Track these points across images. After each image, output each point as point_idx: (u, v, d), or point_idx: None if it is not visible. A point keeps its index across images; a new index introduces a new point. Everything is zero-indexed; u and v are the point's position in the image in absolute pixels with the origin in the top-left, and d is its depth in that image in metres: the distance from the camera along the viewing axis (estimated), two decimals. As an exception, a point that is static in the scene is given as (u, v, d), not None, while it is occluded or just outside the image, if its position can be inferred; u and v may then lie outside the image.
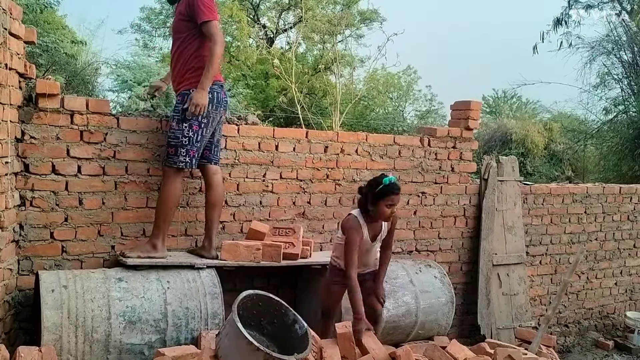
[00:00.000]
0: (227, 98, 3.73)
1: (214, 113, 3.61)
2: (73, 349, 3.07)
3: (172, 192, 3.59)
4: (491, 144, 14.03)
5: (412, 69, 20.81)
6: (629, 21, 11.80)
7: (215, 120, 3.67)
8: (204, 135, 3.61)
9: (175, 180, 3.60)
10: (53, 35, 9.53)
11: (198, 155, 3.62)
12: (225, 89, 3.77)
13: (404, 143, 4.85)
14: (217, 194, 3.76)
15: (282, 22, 20.12)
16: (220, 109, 3.65)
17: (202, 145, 3.63)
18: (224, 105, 3.69)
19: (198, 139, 3.57)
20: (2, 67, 2.95)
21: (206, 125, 3.60)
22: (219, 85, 3.65)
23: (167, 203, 3.58)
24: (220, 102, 3.63)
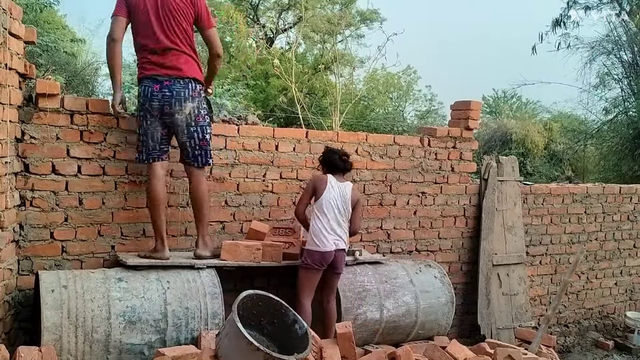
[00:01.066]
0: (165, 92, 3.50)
1: (145, 107, 3.53)
2: (73, 349, 3.07)
3: (148, 191, 3.63)
4: (491, 144, 14.03)
5: (412, 69, 20.82)
6: (629, 21, 11.79)
7: (152, 115, 3.52)
8: (146, 127, 3.55)
9: (150, 178, 3.61)
10: (53, 34, 9.53)
11: (148, 149, 3.56)
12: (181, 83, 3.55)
13: (404, 143, 4.85)
14: (192, 194, 3.70)
15: (281, 22, 20.13)
16: (151, 103, 3.50)
17: (148, 138, 3.55)
18: (161, 100, 3.50)
19: (142, 132, 3.57)
20: (2, 67, 2.95)
21: (144, 117, 3.55)
22: (152, 79, 3.52)
23: (148, 203, 3.64)
24: (149, 97, 3.50)
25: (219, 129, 4.04)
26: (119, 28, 3.52)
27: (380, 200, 4.75)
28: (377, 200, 4.73)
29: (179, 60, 3.56)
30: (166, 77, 3.52)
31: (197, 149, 3.64)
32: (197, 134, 3.62)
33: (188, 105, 3.56)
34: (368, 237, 4.70)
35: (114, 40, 3.51)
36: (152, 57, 3.53)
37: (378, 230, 4.75)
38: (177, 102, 3.53)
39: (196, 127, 3.62)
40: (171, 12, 3.55)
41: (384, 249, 4.77)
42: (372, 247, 4.72)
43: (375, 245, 4.75)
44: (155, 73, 3.52)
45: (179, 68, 3.55)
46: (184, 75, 3.56)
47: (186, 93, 3.56)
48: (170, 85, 3.52)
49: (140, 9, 3.52)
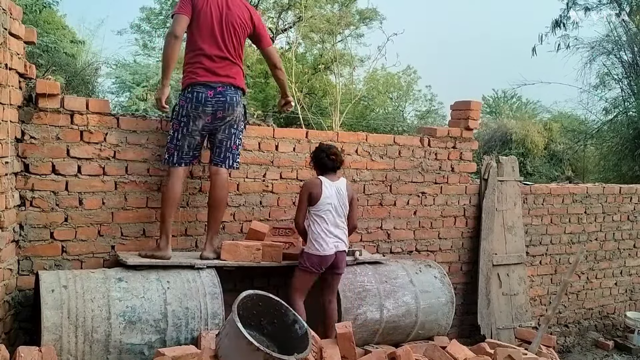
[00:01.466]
0: (219, 99, 3.63)
1: (194, 112, 3.59)
2: (73, 349, 3.07)
3: (166, 190, 3.64)
4: (491, 144, 14.05)
5: (412, 69, 20.84)
6: (629, 21, 11.79)
7: (199, 120, 3.62)
8: (185, 134, 3.61)
9: (169, 178, 3.65)
10: (53, 35, 9.54)
11: (181, 154, 3.63)
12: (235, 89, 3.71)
13: (404, 143, 4.85)
14: (214, 195, 3.76)
15: (281, 22, 20.13)
16: (204, 109, 3.60)
17: (184, 144, 3.62)
18: (214, 106, 3.62)
19: (178, 137, 3.62)
20: (2, 67, 2.95)
21: (186, 124, 3.60)
22: (205, 85, 3.60)
23: (163, 201, 3.66)
24: (202, 103, 3.59)
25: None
26: (182, 26, 3.60)
27: (380, 200, 4.75)
28: (377, 200, 4.73)
29: (231, 70, 3.71)
30: (219, 84, 3.64)
31: (229, 151, 3.77)
32: (234, 137, 3.77)
33: (237, 110, 3.73)
34: (368, 237, 4.70)
35: (176, 37, 3.58)
36: (207, 63, 3.62)
37: (378, 230, 4.75)
38: (230, 107, 3.67)
39: (236, 130, 3.78)
40: (233, 25, 3.69)
41: (384, 249, 4.78)
42: (372, 247, 4.72)
43: (375, 245, 4.75)
44: (209, 80, 3.62)
45: (232, 77, 3.70)
46: (236, 84, 3.72)
47: (237, 99, 3.71)
48: (224, 91, 3.65)
49: (207, 14, 3.62)
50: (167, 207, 3.62)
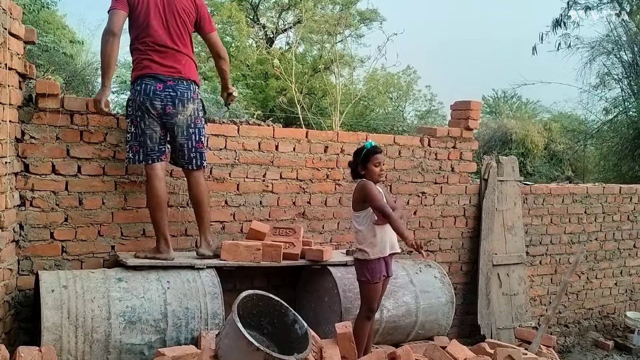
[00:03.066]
0: (169, 92, 3.44)
1: (144, 106, 3.43)
2: (73, 349, 3.07)
3: (147, 191, 3.57)
4: (491, 144, 14.04)
5: (411, 69, 20.83)
6: (629, 21, 11.79)
7: (150, 113, 3.44)
8: (144, 128, 3.46)
9: (147, 178, 3.55)
10: (52, 35, 9.54)
11: (146, 150, 3.48)
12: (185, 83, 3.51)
13: (404, 143, 4.85)
14: (192, 195, 3.67)
15: (281, 22, 20.14)
16: (153, 102, 3.42)
17: (147, 138, 3.47)
18: (163, 100, 3.44)
19: (139, 132, 3.47)
20: (2, 67, 2.95)
21: (142, 117, 3.45)
22: (154, 77, 3.43)
23: (149, 205, 3.58)
24: (150, 95, 3.41)
25: (219, 129, 4.04)
26: (118, 22, 3.40)
27: (380, 200, 4.74)
28: (377, 200, 4.73)
29: (181, 62, 3.51)
30: (170, 77, 3.46)
31: (192, 151, 3.60)
32: (194, 136, 3.59)
33: (190, 107, 3.53)
34: (368, 237, 4.70)
35: (113, 34, 3.37)
36: (154, 56, 3.46)
37: (378, 230, 4.75)
38: (180, 103, 3.49)
39: (195, 128, 3.59)
40: (177, 11, 3.50)
41: (384, 249, 4.77)
42: (372, 247, 4.71)
43: (375, 245, 4.74)
44: (159, 72, 3.45)
45: (182, 69, 3.51)
46: (186, 76, 3.52)
47: (189, 94, 3.52)
48: (174, 85, 3.47)
49: (143, 3, 3.44)
50: (156, 208, 3.52)
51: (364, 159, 3.63)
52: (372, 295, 3.64)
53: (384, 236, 3.64)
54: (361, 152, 3.66)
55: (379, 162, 3.64)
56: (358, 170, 3.68)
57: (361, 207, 3.66)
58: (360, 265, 3.68)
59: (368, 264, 3.62)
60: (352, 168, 3.74)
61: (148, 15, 3.45)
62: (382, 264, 3.65)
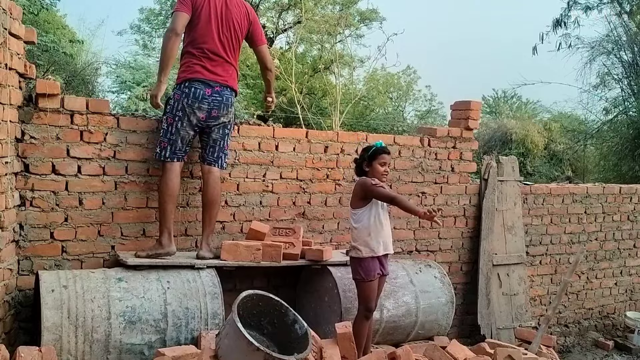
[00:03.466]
0: (216, 98, 3.65)
1: (189, 108, 3.58)
2: (73, 349, 3.07)
3: (163, 185, 3.62)
4: (491, 144, 14.05)
5: (411, 69, 20.84)
6: (629, 21, 11.79)
7: (193, 116, 3.61)
8: (179, 128, 3.59)
9: (165, 174, 3.62)
10: (52, 35, 9.54)
11: (174, 149, 3.61)
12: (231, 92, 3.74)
13: (404, 143, 4.85)
14: (208, 195, 3.75)
15: (281, 22, 20.13)
16: (201, 106, 3.60)
17: (178, 138, 3.60)
18: (210, 104, 3.63)
19: (172, 131, 3.60)
20: (2, 67, 2.95)
21: (181, 118, 3.59)
22: (203, 82, 3.61)
23: (160, 197, 3.64)
24: (199, 99, 3.59)
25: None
26: (182, 23, 3.59)
27: (380, 200, 4.74)
28: (377, 200, 4.73)
29: (228, 71, 3.73)
30: (217, 84, 3.66)
31: (222, 151, 3.79)
32: (226, 137, 3.81)
33: (230, 111, 3.76)
34: (368, 237, 4.70)
35: (177, 34, 3.57)
36: (206, 61, 3.63)
37: (378, 230, 4.75)
38: (224, 108, 3.70)
39: (229, 131, 3.82)
40: (233, 25, 3.71)
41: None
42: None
43: (375, 245, 4.74)
44: (207, 78, 3.62)
45: (227, 78, 3.72)
46: (230, 85, 3.74)
47: (231, 100, 3.74)
48: (221, 92, 3.67)
49: (207, 12, 3.62)
50: (167, 202, 3.59)
51: (371, 155, 3.70)
52: (367, 294, 3.66)
53: (379, 236, 3.67)
54: (369, 149, 3.74)
55: (384, 162, 3.72)
56: (363, 167, 3.74)
57: (359, 205, 3.68)
58: (354, 264, 3.71)
59: (361, 262, 3.66)
60: (358, 164, 3.81)
61: (207, 24, 3.64)
62: (376, 262, 3.67)
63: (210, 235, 3.79)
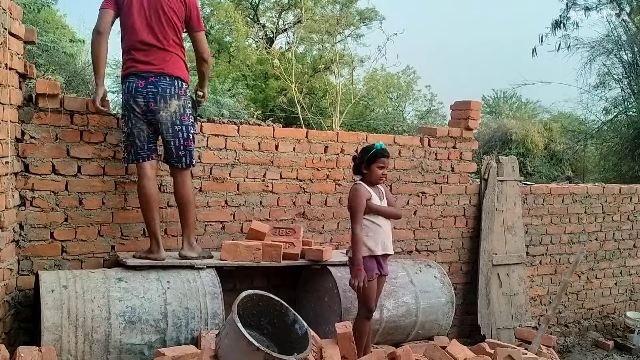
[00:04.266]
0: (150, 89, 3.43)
1: (128, 104, 3.45)
2: (73, 349, 3.07)
3: (139, 191, 3.54)
4: (491, 144, 14.03)
5: (411, 69, 20.83)
6: (629, 21, 11.79)
7: (136, 111, 3.44)
8: (131, 127, 3.47)
9: (138, 179, 3.54)
10: (52, 34, 9.53)
11: (136, 149, 3.49)
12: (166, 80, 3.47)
13: (404, 143, 4.85)
14: (178, 195, 3.63)
15: (281, 22, 20.13)
16: (136, 100, 3.43)
17: (135, 138, 3.47)
18: (145, 96, 3.43)
19: (128, 132, 3.49)
20: (2, 67, 2.95)
21: (128, 117, 3.47)
22: (137, 75, 3.44)
23: (140, 204, 3.56)
24: (133, 93, 3.42)
25: (219, 129, 4.04)
26: (105, 21, 3.43)
27: (380, 200, 4.74)
28: (377, 200, 4.73)
29: (164, 58, 3.49)
30: (151, 74, 3.44)
31: (181, 149, 3.56)
32: (181, 133, 3.55)
33: (174, 103, 3.49)
34: (368, 237, 4.70)
35: (99, 33, 3.41)
36: (137, 54, 3.46)
37: (378, 230, 4.75)
38: (162, 99, 3.45)
39: (181, 126, 3.55)
40: (163, 9, 3.47)
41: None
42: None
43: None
44: (140, 70, 3.45)
45: (164, 66, 3.48)
46: (170, 72, 3.49)
47: (172, 90, 3.48)
48: (156, 82, 3.44)
49: (127, 3, 3.44)
50: (146, 209, 3.51)
51: (370, 157, 3.67)
52: (367, 294, 3.65)
53: (377, 236, 3.67)
54: (369, 151, 3.70)
55: (383, 165, 3.69)
56: (361, 168, 3.71)
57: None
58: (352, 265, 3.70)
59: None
60: (356, 164, 3.77)
61: (131, 15, 3.46)
62: (374, 262, 3.67)
63: (192, 235, 3.68)
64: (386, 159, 3.71)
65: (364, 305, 3.67)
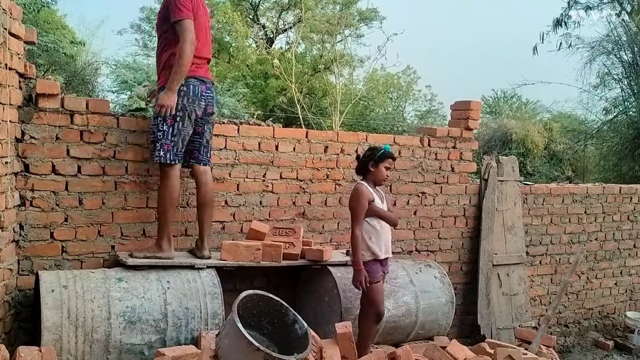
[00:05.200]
0: (210, 94, 3.64)
1: (191, 107, 3.53)
2: (73, 349, 3.07)
3: (164, 189, 3.56)
4: (491, 144, 14.03)
5: (411, 69, 20.83)
6: (629, 21, 11.78)
7: (194, 115, 3.57)
8: (180, 129, 3.52)
9: (166, 177, 3.56)
10: (52, 35, 9.53)
11: (177, 150, 3.54)
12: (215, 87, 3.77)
13: (404, 143, 4.85)
14: (204, 195, 3.72)
15: (281, 22, 20.14)
16: (200, 103, 3.57)
17: (180, 139, 3.53)
18: (206, 100, 3.61)
19: (174, 132, 3.51)
20: (2, 67, 2.95)
21: (182, 118, 3.52)
22: (199, 80, 3.58)
23: (161, 201, 3.59)
24: (198, 96, 3.55)
25: (219, 129, 4.04)
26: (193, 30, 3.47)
27: (380, 200, 4.74)
28: (377, 200, 4.73)
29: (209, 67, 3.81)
30: (209, 81, 3.71)
31: (209, 149, 3.81)
32: (211, 134, 3.82)
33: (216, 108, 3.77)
34: (368, 237, 4.70)
35: (193, 43, 3.45)
36: (197, 61, 3.57)
37: (378, 230, 4.75)
38: (216, 104, 3.77)
39: (212, 127, 3.84)
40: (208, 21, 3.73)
41: (384, 249, 4.77)
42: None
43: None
44: (204, 76, 3.64)
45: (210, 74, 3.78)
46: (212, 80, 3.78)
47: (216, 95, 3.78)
48: (211, 88, 3.71)
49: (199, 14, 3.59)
50: (170, 208, 3.57)
51: (379, 157, 3.75)
52: (375, 297, 3.70)
53: (380, 240, 3.72)
54: (379, 150, 3.78)
55: (389, 166, 3.81)
56: (368, 166, 3.76)
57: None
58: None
59: (365, 265, 3.68)
60: (363, 162, 3.79)
61: (199, 26, 3.57)
62: (378, 266, 3.73)
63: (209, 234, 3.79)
64: (393, 161, 3.86)
65: (373, 308, 3.71)
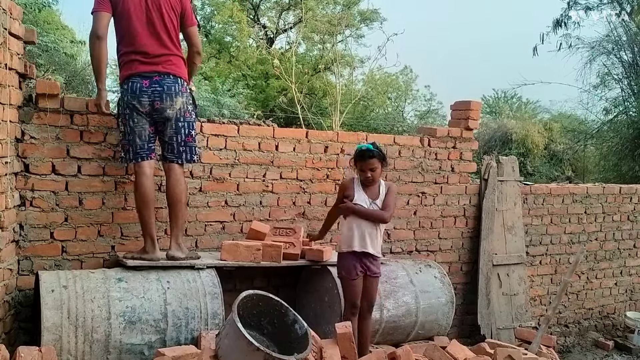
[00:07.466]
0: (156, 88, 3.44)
1: (132, 104, 3.43)
2: (73, 349, 3.07)
3: (134, 189, 3.53)
4: (491, 144, 14.02)
5: (409, 69, 20.83)
6: (629, 21, 11.79)
7: (139, 111, 3.44)
8: (132, 126, 3.45)
9: (135, 176, 3.52)
10: (52, 35, 9.52)
11: (136, 148, 3.47)
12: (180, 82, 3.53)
13: (404, 143, 4.85)
14: (170, 192, 3.59)
15: (282, 22, 20.13)
16: (140, 99, 3.42)
17: (135, 136, 3.45)
18: (151, 96, 3.43)
19: (128, 131, 3.47)
20: (2, 67, 2.95)
21: (130, 116, 3.45)
22: (141, 76, 3.43)
23: (136, 203, 3.55)
24: (137, 93, 3.41)
25: (219, 129, 4.04)
26: (103, 24, 3.40)
27: (380, 200, 4.74)
28: (377, 200, 4.72)
29: (168, 58, 3.51)
30: (155, 73, 3.46)
31: (182, 145, 3.57)
32: (183, 130, 3.57)
33: (179, 100, 3.51)
34: (368, 237, 4.69)
35: (99, 37, 3.38)
36: (138, 56, 3.45)
37: (378, 230, 4.75)
38: (168, 97, 3.47)
39: (184, 122, 3.57)
40: (160, 8, 3.47)
41: (384, 249, 4.76)
42: (372, 247, 4.71)
43: (375, 245, 4.74)
44: (144, 70, 3.45)
45: (169, 65, 3.51)
46: (173, 72, 3.51)
47: (176, 88, 3.50)
48: (160, 80, 3.46)
49: (125, 5, 3.41)
50: (143, 207, 3.49)
51: (353, 158, 3.71)
52: (348, 291, 3.69)
53: (354, 231, 3.65)
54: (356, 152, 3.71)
55: (362, 169, 3.64)
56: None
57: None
58: (338, 260, 3.78)
59: (341, 258, 3.73)
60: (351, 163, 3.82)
61: (129, 17, 3.43)
62: (355, 260, 3.65)
63: (180, 235, 3.64)
64: (365, 163, 3.61)
65: (347, 301, 3.70)
